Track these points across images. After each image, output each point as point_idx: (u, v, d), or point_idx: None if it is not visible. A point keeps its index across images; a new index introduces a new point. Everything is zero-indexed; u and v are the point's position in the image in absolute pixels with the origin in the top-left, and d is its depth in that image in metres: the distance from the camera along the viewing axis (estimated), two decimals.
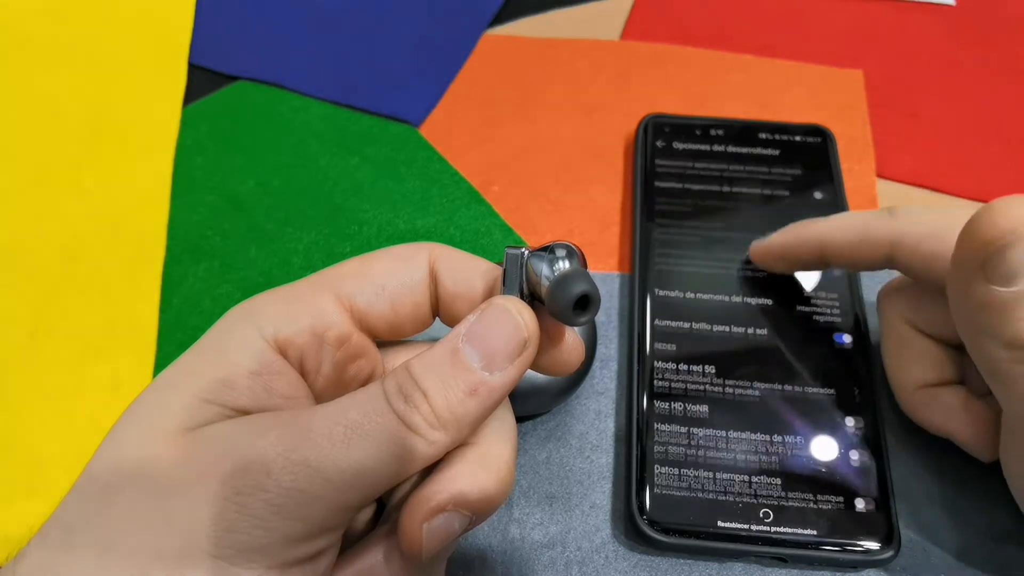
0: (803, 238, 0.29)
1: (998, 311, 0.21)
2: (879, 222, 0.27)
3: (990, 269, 0.21)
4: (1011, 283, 0.21)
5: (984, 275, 0.21)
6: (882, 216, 0.27)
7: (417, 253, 0.22)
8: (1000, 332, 0.21)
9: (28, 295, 0.35)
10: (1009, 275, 0.21)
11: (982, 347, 0.22)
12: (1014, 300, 0.21)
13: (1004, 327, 0.21)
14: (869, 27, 0.45)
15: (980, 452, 0.27)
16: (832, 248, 0.28)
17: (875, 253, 0.27)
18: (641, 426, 0.29)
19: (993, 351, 0.22)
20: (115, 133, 0.41)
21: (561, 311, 0.18)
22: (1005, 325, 0.21)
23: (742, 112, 0.40)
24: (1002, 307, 0.21)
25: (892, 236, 0.26)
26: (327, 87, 0.42)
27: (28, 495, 0.30)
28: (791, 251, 0.30)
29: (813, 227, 0.29)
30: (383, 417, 0.18)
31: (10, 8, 0.46)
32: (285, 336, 0.20)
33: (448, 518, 0.19)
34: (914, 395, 0.28)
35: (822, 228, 0.29)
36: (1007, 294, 0.21)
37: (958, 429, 0.27)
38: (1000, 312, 0.21)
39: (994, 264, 0.21)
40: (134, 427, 0.19)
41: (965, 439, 0.27)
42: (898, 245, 0.26)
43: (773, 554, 0.26)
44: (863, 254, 0.27)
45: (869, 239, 0.27)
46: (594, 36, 0.44)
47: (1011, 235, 0.20)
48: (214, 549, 0.17)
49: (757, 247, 0.31)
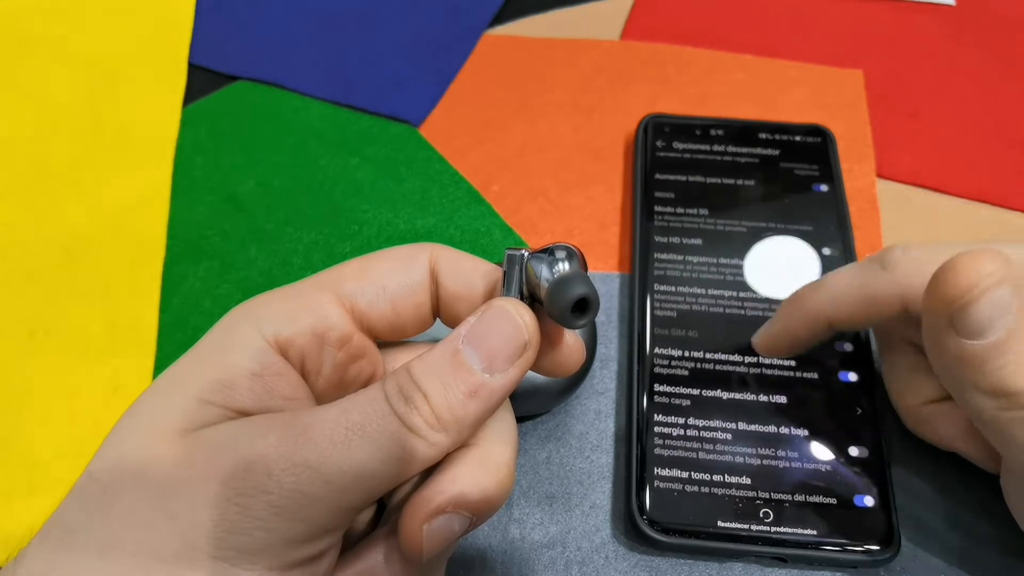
0: (806, 320, 0.28)
1: (974, 363, 0.21)
2: (880, 282, 0.26)
3: (959, 325, 0.21)
4: (981, 336, 0.21)
5: (955, 330, 0.21)
6: (879, 273, 0.26)
7: (418, 254, 0.22)
8: (979, 383, 0.21)
9: (28, 295, 0.35)
10: (977, 329, 0.21)
11: (967, 398, 0.22)
12: (988, 352, 0.21)
13: (983, 378, 0.21)
14: (869, 27, 0.45)
15: (987, 464, 0.26)
16: (839, 322, 0.27)
17: (886, 314, 0.26)
18: (641, 426, 0.29)
19: (978, 401, 0.22)
20: (115, 133, 0.41)
21: (559, 313, 0.18)
22: (984, 376, 0.21)
23: (742, 112, 0.40)
24: (977, 359, 0.21)
25: (900, 295, 0.25)
26: (327, 87, 0.42)
27: (28, 495, 0.30)
28: (797, 337, 0.28)
29: (811, 304, 0.27)
30: (384, 419, 0.18)
31: (10, 8, 0.46)
32: (286, 337, 0.20)
33: (448, 519, 0.19)
34: (918, 411, 0.28)
35: (821, 304, 0.27)
36: (979, 346, 0.21)
37: (965, 444, 0.27)
38: (977, 364, 0.21)
39: (961, 320, 0.21)
40: (135, 428, 0.19)
41: (972, 452, 0.27)
42: (908, 301, 0.25)
43: (773, 554, 0.26)
44: (873, 318, 0.26)
45: (876, 303, 0.26)
46: (594, 36, 0.44)
47: (974, 291, 0.21)
48: (215, 550, 0.17)
49: (760, 341, 0.30)
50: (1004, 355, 0.21)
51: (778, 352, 0.30)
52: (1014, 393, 0.21)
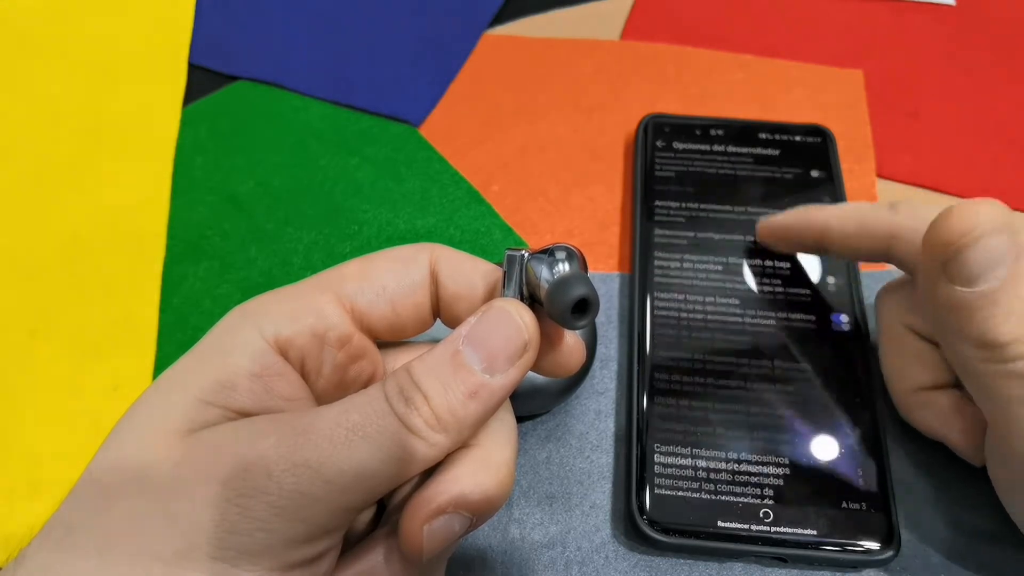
0: (806, 222, 0.30)
1: (964, 312, 0.21)
2: (879, 214, 0.27)
3: (952, 271, 0.21)
4: (973, 283, 0.21)
5: (947, 277, 0.21)
6: (883, 209, 0.27)
7: (418, 254, 0.22)
8: (968, 332, 0.21)
9: (28, 295, 0.35)
10: (970, 276, 0.21)
11: (954, 348, 0.22)
12: (978, 300, 0.21)
13: (971, 327, 0.21)
14: (869, 27, 0.45)
15: (970, 456, 0.27)
16: (832, 235, 0.28)
17: (873, 244, 0.27)
18: (641, 426, 0.29)
19: (964, 351, 0.22)
20: (115, 133, 0.41)
21: (559, 314, 0.18)
22: (972, 325, 0.21)
23: (742, 112, 0.40)
24: (967, 307, 0.21)
25: (891, 229, 0.27)
26: (327, 87, 0.42)
27: (28, 494, 0.30)
28: (794, 232, 0.30)
29: (818, 212, 0.29)
30: (384, 419, 0.18)
31: (10, 8, 0.46)
32: (286, 337, 0.20)
33: (449, 520, 0.19)
34: (909, 397, 0.28)
35: (825, 214, 0.29)
36: (971, 294, 0.21)
37: (950, 432, 0.27)
38: (966, 313, 0.21)
39: (954, 266, 0.21)
40: (135, 428, 0.19)
41: (956, 442, 0.27)
42: (896, 238, 0.26)
43: (773, 554, 0.26)
44: (861, 244, 0.28)
45: (868, 230, 0.27)
46: (594, 36, 0.44)
47: (967, 236, 0.21)
48: (215, 551, 0.17)
49: (764, 224, 0.32)
50: (994, 305, 0.21)
51: (771, 242, 0.32)
52: (1000, 345, 0.21)
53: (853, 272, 0.33)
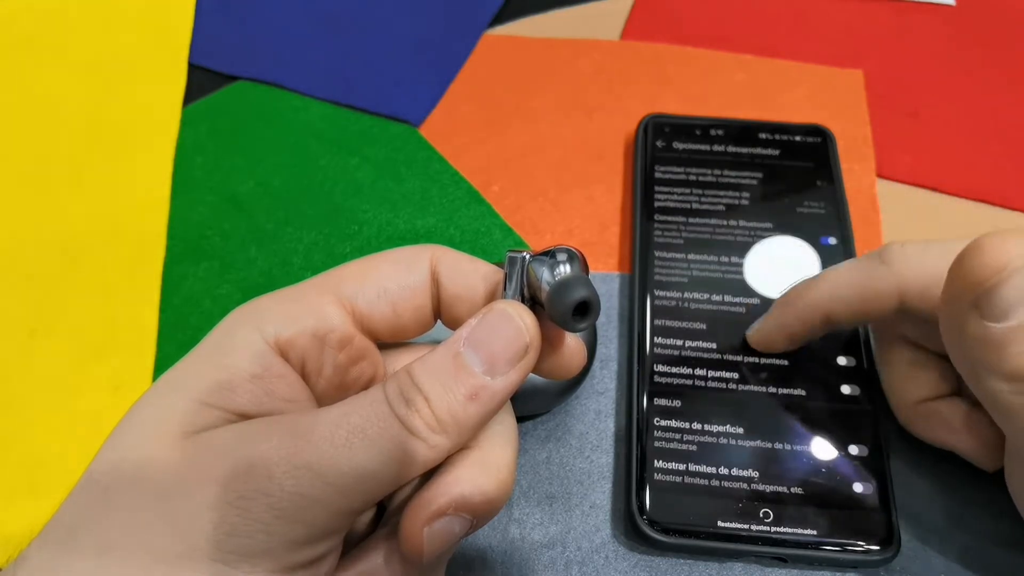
0: (801, 314, 0.28)
1: (994, 346, 0.21)
2: (878, 276, 0.26)
3: (983, 306, 0.21)
4: (1005, 319, 0.21)
5: (978, 312, 0.21)
6: (877, 267, 0.26)
7: (419, 255, 0.22)
8: (998, 366, 0.21)
9: (28, 295, 0.35)
10: (1002, 311, 0.21)
11: (981, 381, 0.22)
12: (1010, 334, 0.21)
13: (1002, 361, 0.21)
14: (869, 27, 0.45)
15: (983, 462, 0.27)
16: (836, 316, 0.27)
17: (883, 308, 0.26)
18: (641, 426, 0.29)
19: (992, 384, 0.22)
20: (115, 133, 0.41)
21: (560, 317, 0.18)
22: (1003, 360, 0.21)
23: (742, 112, 0.40)
24: (998, 342, 0.21)
25: (898, 289, 0.25)
26: (327, 87, 0.42)
27: (28, 494, 0.30)
28: (792, 331, 0.29)
29: (809, 298, 0.28)
30: (385, 421, 0.18)
31: (10, 8, 0.46)
32: (287, 338, 0.20)
33: (449, 522, 0.19)
34: (913, 410, 0.28)
35: (819, 298, 0.27)
36: (1001, 329, 0.21)
37: (960, 441, 0.27)
38: (996, 347, 0.21)
39: (987, 301, 0.21)
40: (135, 430, 0.19)
41: (967, 451, 0.27)
42: (906, 296, 0.25)
43: (773, 554, 0.26)
44: (871, 313, 0.26)
45: (874, 297, 0.26)
46: (594, 36, 0.44)
47: (1001, 273, 0.20)
48: (215, 552, 0.17)
49: (754, 335, 0.30)
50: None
51: (772, 347, 0.30)
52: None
53: None
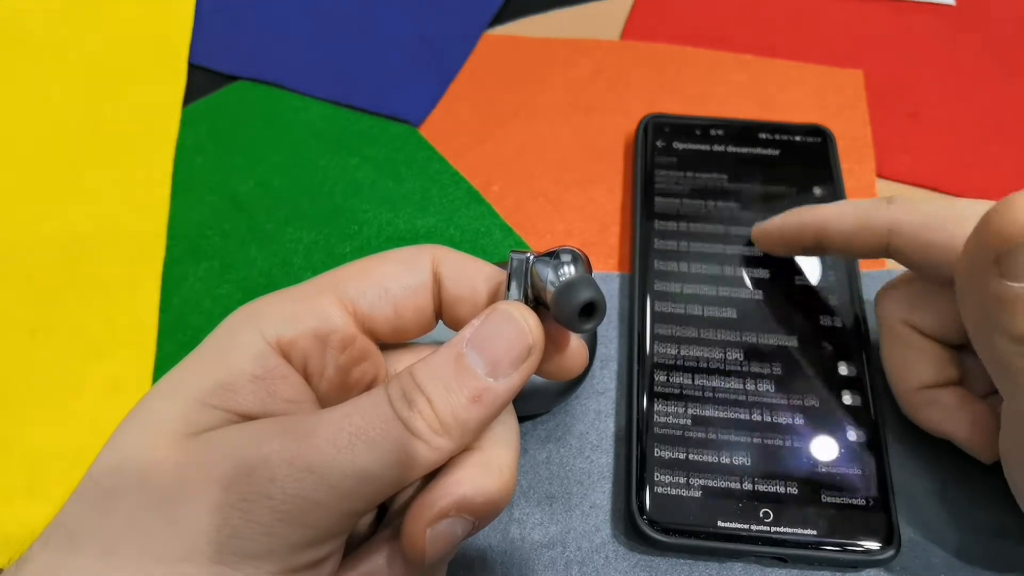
0: (803, 222, 0.30)
1: (1009, 305, 0.21)
2: (877, 210, 0.27)
3: (1005, 265, 0.21)
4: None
5: (998, 270, 0.21)
6: (880, 204, 0.27)
7: (420, 256, 0.22)
8: (1010, 326, 0.21)
9: (28, 295, 0.35)
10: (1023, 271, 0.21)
11: (989, 339, 0.22)
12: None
13: (1014, 321, 0.21)
14: (869, 27, 0.45)
15: (979, 452, 0.27)
16: (830, 234, 0.28)
17: (872, 240, 0.27)
18: (641, 426, 0.29)
19: (1001, 344, 0.22)
20: (115, 133, 0.41)
21: (566, 318, 0.18)
22: (1015, 319, 0.21)
23: (742, 112, 0.40)
24: (1013, 301, 0.21)
25: (890, 224, 0.26)
26: (327, 87, 0.42)
27: (28, 495, 0.30)
28: (791, 235, 0.30)
29: (814, 212, 0.29)
30: (387, 423, 0.18)
31: (10, 8, 0.46)
32: (288, 339, 0.20)
33: (451, 523, 0.19)
34: (914, 396, 0.28)
35: (822, 213, 0.29)
36: (1019, 289, 0.21)
37: (957, 429, 0.27)
38: (1011, 306, 0.21)
39: (1009, 260, 0.21)
40: (136, 431, 0.19)
41: (964, 439, 0.27)
42: (895, 233, 0.26)
43: (773, 554, 0.26)
44: (860, 241, 0.28)
45: (867, 226, 0.27)
46: (594, 36, 0.44)
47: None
48: (217, 555, 0.17)
49: (759, 229, 0.32)
50: None
51: (768, 245, 0.32)
52: None
53: (853, 271, 0.33)
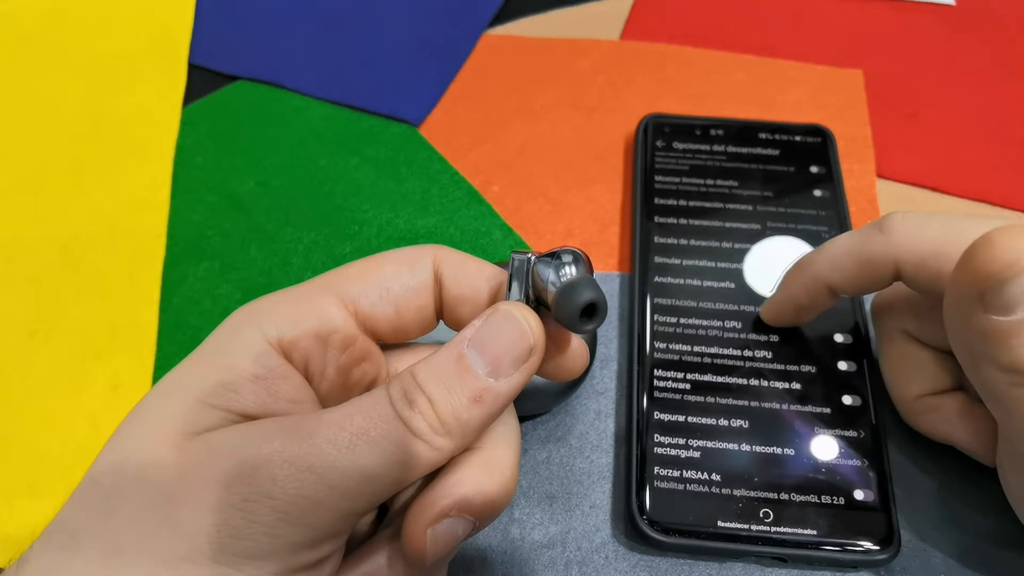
0: (806, 286, 0.28)
1: (996, 338, 0.21)
2: (876, 245, 0.26)
3: (989, 300, 0.21)
4: (1009, 312, 0.21)
5: (983, 305, 0.21)
6: (876, 236, 0.26)
7: (422, 256, 0.22)
8: (998, 358, 0.22)
9: (28, 295, 0.35)
10: (1008, 306, 0.21)
11: (980, 370, 0.23)
12: (1012, 328, 0.21)
13: (1002, 353, 0.21)
14: (869, 27, 0.45)
15: (982, 456, 0.27)
16: (837, 285, 0.27)
17: (881, 277, 0.26)
18: (641, 426, 0.29)
19: (991, 375, 0.22)
20: (115, 133, 0.41)
21: (567, 319, 0.18)
22: (1003, 352, 0.21)
23: (742, 112, 0.40)
24: (1000, 334, 0.21)
25: (894, 258, 0.26)
26: (327, 87, 0.42)
27: (28, 495, 0.30)
28: (800, 303, 0.29)
29: (811, 270, 0.28)
30: (388, 423, 0.18)
31: (10, 8, 0.46)
32: (289, 339, 0.20)
33: (452, 523, 0.19)
34: (914, 404, 0.28)
35: (820, 269, 0.28)
36: (1005, 323, 0.21)
37: (961, 436, 0.27)
38: (998, 339, 0.21)
39: (993, 296, 0.21)
40: (137, 431, 0.19)
41: (968, 445, 0.27)
42: (902, 265, 0.26)
43: (773, 554, 0.26)
44: (869, 282, 0.27)
45: (871, 265, 0.26)
46: (594, 36, 0.44)
47: (1011, 268, 0.21)
48: (219, 555, 0.17)
49: (766, 311, 0.31)
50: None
51: (783, 320, 0.31)
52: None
53: None
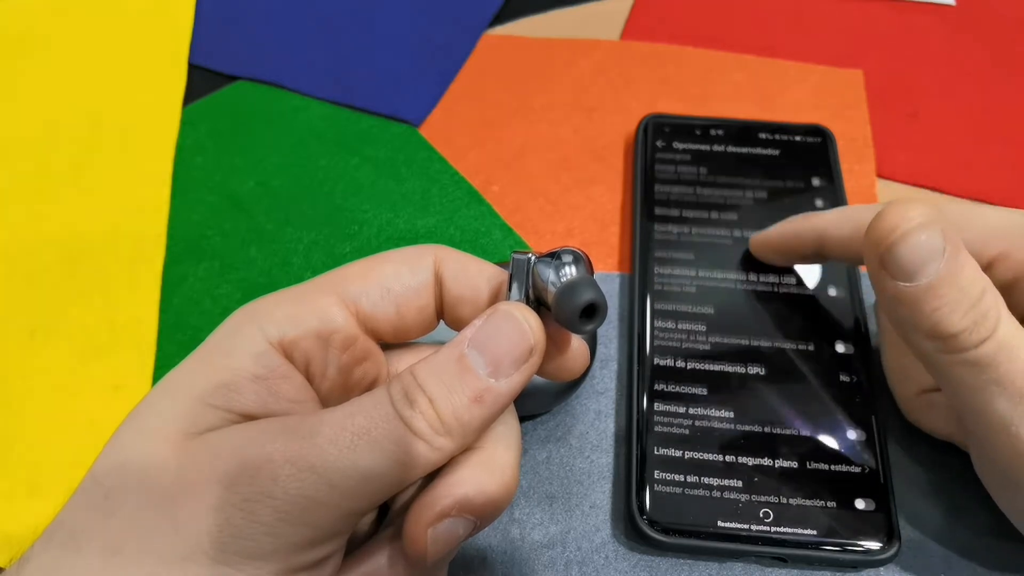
0: (801, 231, 0.30)
1: (911, 305, 0.22)
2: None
3: (889, 267, 0.22)
4: (913, 278, 0.21)
5: (887, 272, 0.22)
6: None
7: (422, 256, 0.22)
8: (919, 325, 0.22)
9: (28, 295, 0.35)
10: (905, 271, 0.21)
11: (911, 340, 0.23)
12: (922, 293, 0.21)
13: (920, 320, 0.22)
14: (869, 27, 0.45)
15: None
16: (830, 242, 0.28)
17: None
18: (641, 426, 0.29)
19: (920, 343, 0.22)
20: (115, 133, 0.41)
21: (567, 319, 0.18)
22: (920, 318, 0.22)
23: (742, 112, 0.40)
24: (913, 301, 0.22)
25: None
26: (327, 87, 0.42)
27: (28, 495, 0.30)
28: (789, 244, 0.30)
29: (812, 220, 0.29)
30: (389, 423, 0.18)
31: (10, 8, 0.46)
32: (290, 339, 0.20)
33: (453, 523, 0.19)
34: (914, 401, 0.28)
35: (820, 221, 0.29)
36: (912, 288, 0.21)
37: (958, 432, 0.27)
38: (913, 306, 0.22)
39: (890, 261, 0.22)
40: (137, 431, 0.19)
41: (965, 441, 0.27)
42: None
43: (773, 554, 0.26)
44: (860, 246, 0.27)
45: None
46: (594, 36, 0.44)
47: (895, 232, 0.21)
48: (219, 555, 0.17)
49: (756, 239, 0.32)
50: (938, 298, 0.21)
51: (767, 255, 0.32)
52: (950, 335, 0.21)
53: (853, 273, 0.33)
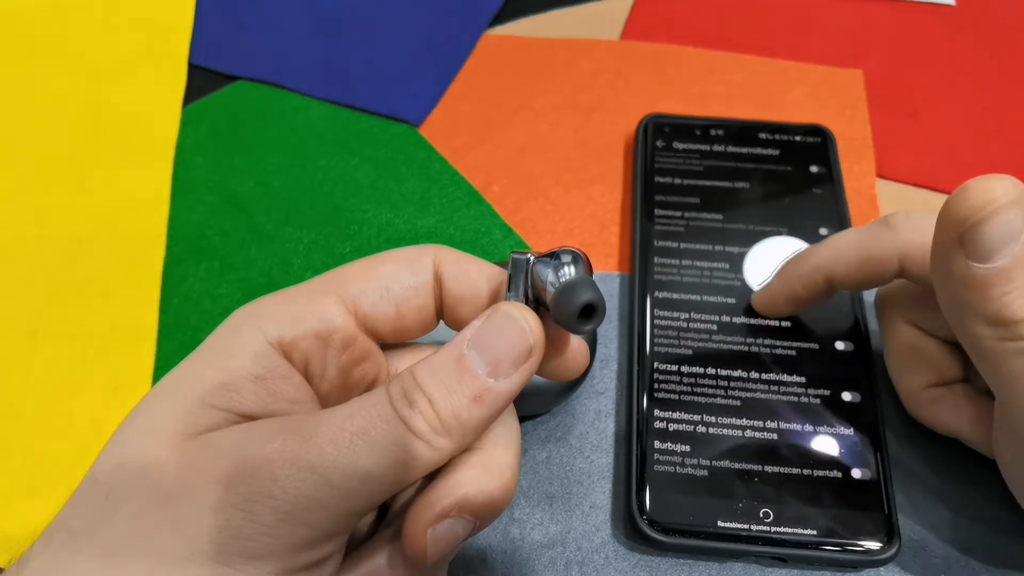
0: (804, 276, 0.28)
1: (978, 288, 0.21)
2: (881, 239, 0.26)
3: (968, 246, 0.21)
4: (989, 259, 0.21)
5: (963, 252, 0.21)
6: (881, 231, 0.26)
7: (422, 256, 0.22)
8: (982, 309, 0.21)
9: (28, 295, 0.35)
10: (986, 251, 0.21)
11: (966, 326, 0.22)
12: (993, 276, 0.21)
13: (985, 304, 0.21)
14: (869, 27, 0.45)
15: (986, 449, 0.27)
16: (838, 275, 0.27)
17: (884, 271, 0.26)
18: (641, 426, 0.29)
19: (976, 329, 0.22)
20: (115, 133, 0.41)
21: (566, 319, 0.18)
22: (986, 302, 0.21)
23: (742, 112, 0.40)
24: (982, 284, 0.21)
25: (899, 252, 0.26)
26: (327, 87, 0.42)
27: (28, 495, 0.30)
28: (796, 294, 0.29)
29: (811, 260, 0.28)
30: (388, 423, 0.18)
31: (10, 7, 0.46)
32: (290, 339, 0.20)
33: (453, 523, 0.19)
34: (919, 395, 0.28)
35: (821, 259, 0.28)
36: (985, 270, 0.21)
37: (963, 427, 0.27)
38: (980, 289, 0.21)
39: (970, 240, 0.21)
40: (137, 431, 0.19)
41: (971, 436, 0.27)
42: (907, 260, 0.26)
43: (773, 554, 0.26)
44: (872, 275, 0.27)
45: (875, 259, 0.26)
46: (594, 36, 0.44)
47: (984, 209, 0.20)
48: (219, 555, 0.17)
49: (760, 298, 0.31)
50: (1009, 282, 0.21)
51: (775, 310, 0.30)
52: (1014, 322, 0.21)
53: None
